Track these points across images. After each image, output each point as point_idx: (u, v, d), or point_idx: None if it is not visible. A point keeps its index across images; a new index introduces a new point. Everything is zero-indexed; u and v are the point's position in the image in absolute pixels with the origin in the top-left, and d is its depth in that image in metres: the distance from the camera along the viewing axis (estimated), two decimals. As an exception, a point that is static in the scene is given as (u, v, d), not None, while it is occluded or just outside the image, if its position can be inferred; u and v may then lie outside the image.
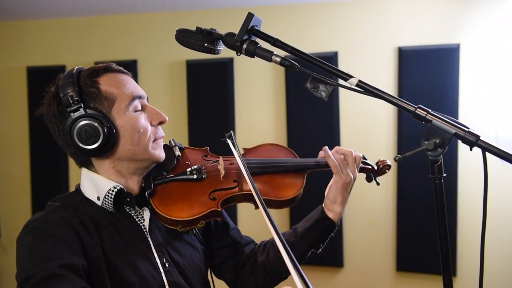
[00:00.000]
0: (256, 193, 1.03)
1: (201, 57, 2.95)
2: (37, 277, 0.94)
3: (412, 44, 2.78)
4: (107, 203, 1.12)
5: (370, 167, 1.39)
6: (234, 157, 1.24)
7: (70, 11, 3.13)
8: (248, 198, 1.23)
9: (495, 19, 2.61)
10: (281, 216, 2.96)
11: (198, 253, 1.27)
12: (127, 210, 1.16)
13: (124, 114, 1.11)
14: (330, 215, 1.28)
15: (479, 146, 0.86)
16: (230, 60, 3.02)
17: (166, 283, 1.13)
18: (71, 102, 1.07)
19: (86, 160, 1.15)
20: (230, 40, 1.03)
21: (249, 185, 1.07)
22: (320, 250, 1.33)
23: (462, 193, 2.72)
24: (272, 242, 1.37)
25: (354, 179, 1.28)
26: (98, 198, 1.13)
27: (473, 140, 0.86)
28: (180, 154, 1.27)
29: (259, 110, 3.05)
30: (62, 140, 1.13)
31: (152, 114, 1.16)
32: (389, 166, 1.42)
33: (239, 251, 1.38)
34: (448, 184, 2.63)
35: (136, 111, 1.13)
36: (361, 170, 1.36)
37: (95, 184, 1.14)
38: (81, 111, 1.07)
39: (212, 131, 3.05)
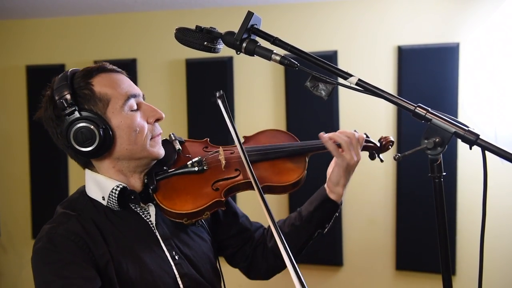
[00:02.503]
0: (251, 172, 1.07)
1: (201, 56, 2.95)
2: None
3: (411, 43, 2.78)
4: (112, 202, 1.13)
5: (372, 144, 1.38)
6: (234, 146, 1.27)
7: (70, 10, 3.12)
8: (251, 186, 1.22)
9: (494, 18, 2.61)
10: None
11: (207, 243, 1.29)
12: (133, 207, 1.17)
13: (119, 114, 1.11)
14: (333, 196, 1.30)
15: (478, 145, 0.86)
16: (230, 59, 3.01)
17: (177, 275, 1.15)
18: (65, 105, 1.07)
19: (86, 162, 1.17)
20: (230, 39, 1.03)
21: (241, 155, 1.09)
22: (326, 230, 1.34)
23: (462, 192, 2.72)
24: (279, 226, 1.36)
25: (358, 161, 1.27)
26: (103, 198, 1.14)
27: (472, 139, 0.86)
28: (180, 147, 1.28)
29: (258, 109, 3.05)
30: (61, 142, 1.14)
31: (148, 112, 1.16)
32: (391, 142, 1.40)
33: (250, 238, 1.39)
34: (447, 183, 2.64)
35: (131, 110, 1.13)
36: (364, 148, 1.35)
37: (99, 184, 1.15)
38: (76, 114, 1.07)
39: (212, 130, 3.05)
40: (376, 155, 1.40)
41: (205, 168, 1.24)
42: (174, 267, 1.15)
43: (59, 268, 1.02)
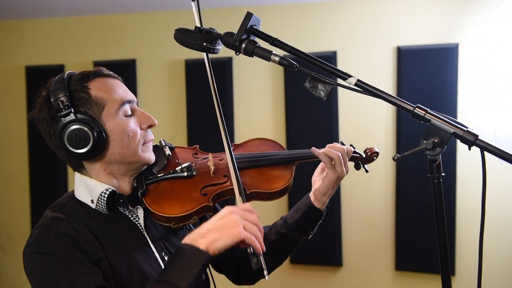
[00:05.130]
0: (233, 163, 1.13)
1: (200, 57, 2.94)
2: None
3: (411, 44, 2.78)
4: (100, 205, 1.14)
5: (358, 155, 1.44)
6: (223, 153, 1.30)
7: (69, 10, 3.12)
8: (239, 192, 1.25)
9: (494, 19, 2.62)
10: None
11: None
12: (121, 210, 1.18)
13: (113, 119, 1.13)
14: (317, 205, 1.35)
15: (477, 145, 0.87)
16: (229, 60, 3.01)
17: None
18: (61, 107, 1.08)
19: (77, 164, 1.17)
20: (229, 40, 1.04)
21: (226, 150, 1.14)
22: (310, 236, 1.39)
23: (461, 192, 2.72)
24: (265, 233, 1.38)
25: (347, 173, 1.33)
26: (92, 201, 1.14)
27: (471, 140, 0.86)
28: (170, 153, 1.30)
29: (258, 110, 3.05)
30: (53, 143, 1.15)
31: (141, 118, 1.18)
32: (376, 153, 1.46)
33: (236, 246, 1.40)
34: (446, 183, 2.64)
35: (126, 115, 1.15)
36: (350, 159, 1.39)
37: (88, 188, 1.15)
38: (72, 116, 1.09)
39: (211, 131, 3.04)
40: (362, 165, 1.46)
41: (194, 173, 1.26)
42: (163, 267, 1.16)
43: (61, 269, 1.01)
